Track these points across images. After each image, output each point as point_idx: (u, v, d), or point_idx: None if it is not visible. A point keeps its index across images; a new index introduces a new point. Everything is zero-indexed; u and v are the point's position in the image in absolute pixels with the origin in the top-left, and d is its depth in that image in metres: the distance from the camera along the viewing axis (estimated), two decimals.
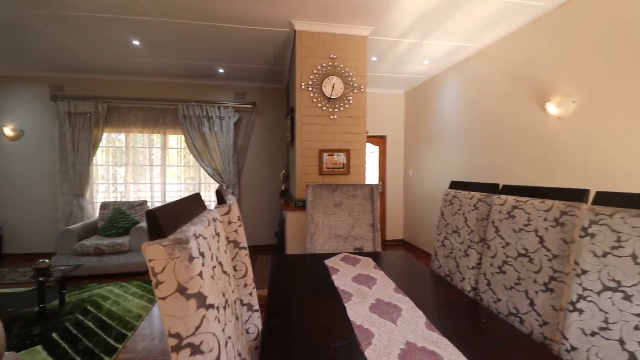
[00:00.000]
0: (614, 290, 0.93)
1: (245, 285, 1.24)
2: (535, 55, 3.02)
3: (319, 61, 3.26)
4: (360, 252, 2.21)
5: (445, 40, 3.62)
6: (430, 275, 1.80)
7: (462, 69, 4.18)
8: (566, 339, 1.03)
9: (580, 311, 1.00)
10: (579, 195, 1.16)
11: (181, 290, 0.64)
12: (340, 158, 3.32)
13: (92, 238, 4.10)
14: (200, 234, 0.77)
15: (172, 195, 5.16)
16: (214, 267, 0.81)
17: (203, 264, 0.72)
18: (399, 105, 5.84)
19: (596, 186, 2.37)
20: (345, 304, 1.32)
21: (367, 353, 0.98)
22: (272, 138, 5.37)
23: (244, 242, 1.26)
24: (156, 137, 5.12)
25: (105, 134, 4.91)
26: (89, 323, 2.71)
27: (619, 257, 0.93)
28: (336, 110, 3.28)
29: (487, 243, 1.49)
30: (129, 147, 5.05)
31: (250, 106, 5.12)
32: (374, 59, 4.17)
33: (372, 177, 5.82)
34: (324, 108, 3.26)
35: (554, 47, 2.83)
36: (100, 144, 4.87)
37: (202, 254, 0.73)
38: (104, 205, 4.51)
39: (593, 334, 0.96)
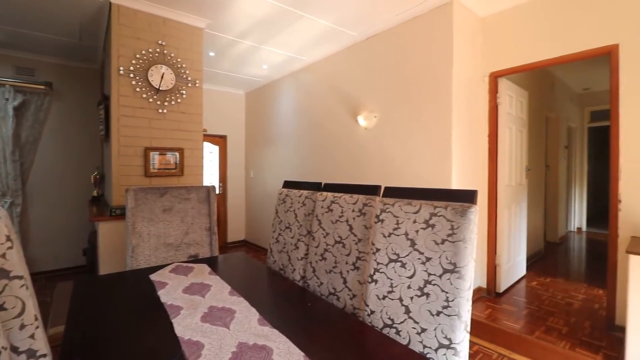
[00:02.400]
0: (395, 261, 1.22)
1: (23, 326, 0.92)
2: (350, 75, 3.65)
3: (144, 45, 2.83)
4: (195, 259, 2.06)
5: (281, 49, 3.87)
6: (266, 271, 1.86)
7: (296, 79, 4.57)
8: (367, 305, 1.27)
9: (376, 281, 1.26)
10: (374, 190, 1.47)
11: None
12: (174, 157, 2.99)
13: None
14: None
15: None
16: None
17: None
18: (239, 105, 5.83)
19: (389, 182, 3.08)
20: (173, 320, 1.18)
21: None
22: (78, 131, 4.26)
23: (18, 270, 0.93)
24: None
25: None
26: None
27: (398, 235, 1.23)
28: (166, 104, 2.93)
29: (312, 235, 1.68)
30: None
31: (42, 87, 3.89)
32: (211, 54, 3.99)
33: (211, 177, 5.57)
34: (151, 100, 2.85)
35: (362, 70, 3.50)
36: None
37: None
38: None
39: (384, 297, 1.23)
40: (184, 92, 3.03)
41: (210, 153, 5.52)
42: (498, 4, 2.86)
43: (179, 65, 3.00)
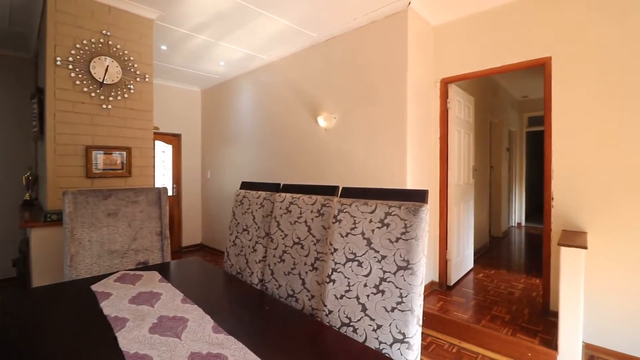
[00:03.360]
0: (352, 260, 1.23)
1: None
2: (310, 76, 3.66)
3: (86, 35, 2.60)
4: (145, 266, 1.93)
5: (239, 46, 3.77)
6: (222, 276, 1.80)
7: (256, 77, 4.47)
8: (325, 305, 1.27)
9: (334, 281, 1.27)
10: (332, 190, 1.48)
11: None
12: (121, 157, 2.77)
13: None
14: None
15: None
16: None
17: None
18: (195, 103, 5.58)
19: (348, 182, 3.14)
20: (117, 333, 1.09)
21: None
22: (7, 127, 3.79)
23: None
24: None
25: None
26: None
27: (355, 235, 1.25)
28: (111, 99, 2.71)
29: (271, 237, 1.65)
30: None
31: None
32: (163, 47, 3.78)
33: (164, 178, 5.27)
34: (93, 94, 2.61)
35: (322, 72, 3.52)
36: None
37: None
38: None
39: (341, 297, 1.24)
40: (132, 86, 2.83)
41: (163, 152, 5.23)
42: (448, 15, 3.04)
43: (126, 58, 2.79)
